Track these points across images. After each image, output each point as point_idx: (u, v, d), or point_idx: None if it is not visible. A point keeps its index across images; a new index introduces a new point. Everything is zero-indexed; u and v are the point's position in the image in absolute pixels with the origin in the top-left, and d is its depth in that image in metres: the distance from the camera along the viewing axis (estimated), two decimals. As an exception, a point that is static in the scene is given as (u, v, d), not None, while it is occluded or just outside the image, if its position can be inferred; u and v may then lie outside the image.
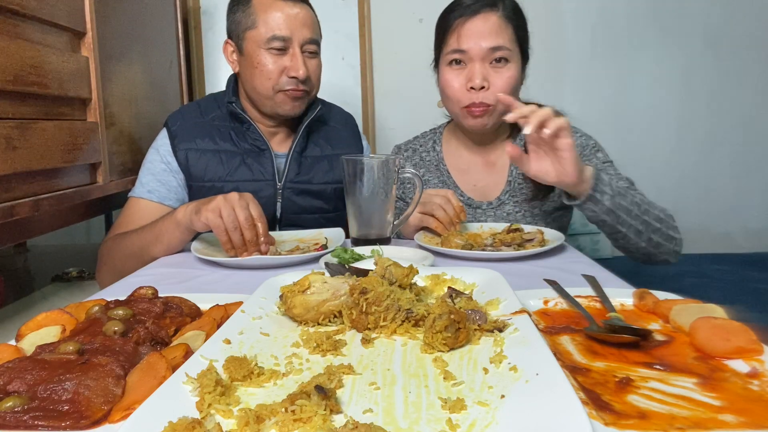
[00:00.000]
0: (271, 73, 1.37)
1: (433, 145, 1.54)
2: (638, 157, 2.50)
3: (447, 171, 1.50)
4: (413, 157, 1.55)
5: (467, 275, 0.84)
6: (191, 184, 1.43)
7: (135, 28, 1.73)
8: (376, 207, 1.22)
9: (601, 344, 0.64)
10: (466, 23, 1.33)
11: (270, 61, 1.37)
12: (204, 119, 1.47)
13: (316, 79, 1.45)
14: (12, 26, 1.13)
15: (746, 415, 0.48)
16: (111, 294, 0.84)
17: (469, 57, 1.33)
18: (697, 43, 2.42)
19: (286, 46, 1.37)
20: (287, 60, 1.38)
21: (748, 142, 2.48)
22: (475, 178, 1.48)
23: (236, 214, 1.09)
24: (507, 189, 1.44)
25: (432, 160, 1.53)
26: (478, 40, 1.31)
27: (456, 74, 1.35)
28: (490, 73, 1.32)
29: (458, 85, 1.35)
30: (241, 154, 1.44)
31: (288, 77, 1.38)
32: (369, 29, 2.37)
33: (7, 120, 1.10)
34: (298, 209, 1.49)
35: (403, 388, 0.53)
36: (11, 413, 0.49)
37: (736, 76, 2.44)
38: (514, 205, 1.43)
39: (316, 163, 1.50)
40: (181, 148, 1.42)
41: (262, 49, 1.37)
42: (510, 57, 1.32)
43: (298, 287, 0.72)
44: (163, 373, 0.54)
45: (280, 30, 1.35)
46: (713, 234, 2.53)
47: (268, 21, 1.36)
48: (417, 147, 1.57)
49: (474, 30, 1.32)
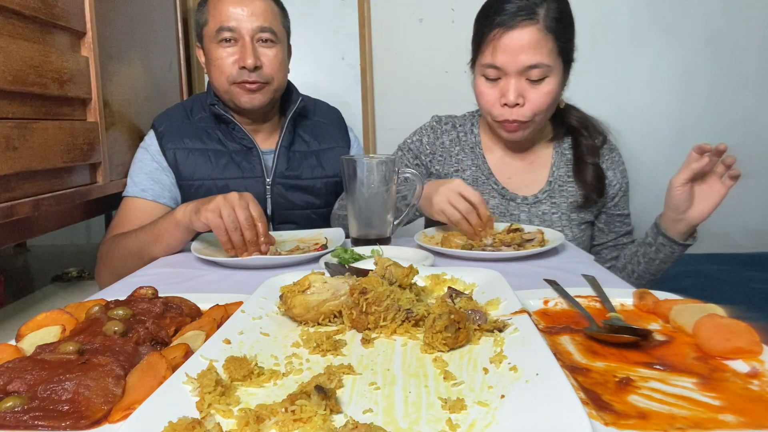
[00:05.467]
0: (223, 65, 1.37)
1: (472, 127, 1.48)
2: (638, 157, 2.49)
3: (483, 156, 1.44)
4: (451, 132, 1.48)
5: (467, 275, 0.84)
6: (181, 183, 1.44)
7: (135, 28, 1.72)
8: (376, 207, 1.22)
9: (601, 344, 0.64)
10: (503, 37, 1.24)
11: (222, 54, 1.37)
12: (191, 120, 1.48)
13: (274, 68, 1.41)
14: (12, 26, 1.13)
15: (746, 415, 0.48)
16: (111, 294, 0.84)
17: (504, 72, 1.26)
18: (697, 43, 2.42)
19: (235, 36, 1.36)
20: (238, 51, 1.37)
21: (748, 142, 2.48)
22: (511, 171, 1.43)
23: (236, 214, 1.09)
24: (546, 189, 1.40)
25: (468, 142, 1.47)
26: (514, 56, 1.23)
27: (490, 87, 1.30)
28: (527, 88, 1.26)
29: (492, 99, 1.30)
30: (229, 153, 1.45)
31: (239, 68, 1.37)
32: (369, 29, 2.37)
33: (7, 120, 1.10)
34: (289, 205, 1.49)
35: (403, 388, 0.53)
36: (11, 413, 0.49)
37: (736, 76, 2.44)
38: (551, 206, 1.39)
39: (303, 159, 1.50)
40: (168, 147, 1.43)
41: (214, 43, 1.37)
42: (548, 72, 1.25)
43: (298, 287, 0.72)
44: (163, 373, 0.54)
45: (227, 21, 1.36)
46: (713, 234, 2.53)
47: (217, 14, 1.37)
48: (457, 124, 1.50)
49: (511, 46, 1.23)
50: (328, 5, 2.34)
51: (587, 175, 1.38)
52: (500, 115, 1.30)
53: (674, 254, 1.25)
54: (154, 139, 1.46)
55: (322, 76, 2.40)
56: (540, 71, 1.24)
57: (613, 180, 1.42)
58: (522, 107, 1.27)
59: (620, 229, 1.45)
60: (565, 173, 1.41)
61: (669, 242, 1.24)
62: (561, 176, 1.41)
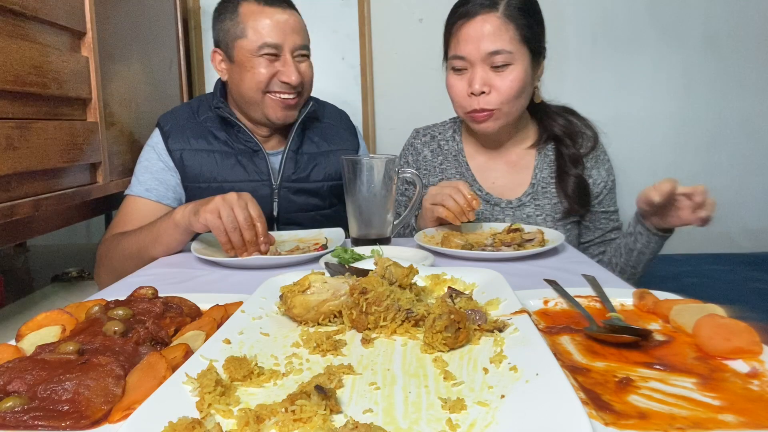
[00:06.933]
0: (262, 76, 1.37)
1: (453, 134, 1.52)
2: (638, 157, 2.49)
3: (466, 163, 1.47)
4: (431, 144, 1.52)
5: (467, 275, 0.84)
6: (187, 184, 1.43)
7: (135, 28, 1.73)
8: (376, 207, 1.22)
9: (601, 344, 0.64)
10: (464, 27, 1.30)
11: (263, 66, 1.37)
12: (197, 120, 1.47)
13: (309, 82, 1.46)
14: (12, 26, 1.13)
15: (746, 415, 0.48)
16: (111, 294, 0.84)
17: (469, 62, 1.31)
18: (697, 43, 2.42)
19: (278, 53, 1.38)
20: (279, 65, 1.38)
21: (748, 142, 2.48)
22: (495, 175, 1.46)
23: (235, 214, 1.09)
24: (530, 191, 1.42)
25: (451, 150, 1.50)
26: (476, 44, 1.28)
27: (458, 79, 1.34)
28: (492, 77, 1.30)
29: (460, 90, 1.33)
30: (235, 154, 1.45)
31: (280, 81, 1.38)
32: (369, 29, 2.37)
33: (7, 120, 1.10)
34: (295, 208, 1.49)
35: (403, 388, 0.53)
36: (11, 413, 0.49)
37: (736, 77, 2.44)
38: (535, 208, 1.41)
39: (312, 161, 1.50)
40: (175, 148, 1.43)
41: (254, 57, 1.37)
42: (512, 59, 1.28)
43: (298, 287, 0.72)
44: (163, 373, 0.54)
45: (270, 38, 1.36)
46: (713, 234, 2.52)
47: (258, 29, 1.36)
48: (436, 134, 1.54)
49: (472, 34, 1.29)
50: (328, 5, 2.34)
51: (569, 187, 1.39)
52: (469, 105, 1.33)
53: (651, 244, 1.26)
54: (159, 137, 1.45)
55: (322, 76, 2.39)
56: (503, 57, 1.28)
57: (598, 178, 1.43)
58: (488, 95, 1.30)
59: (606, 226, 1.45)
60: (548, 175, 1.43)
61: (646, 231, 1.25)
62: (544, 178, 1.42)
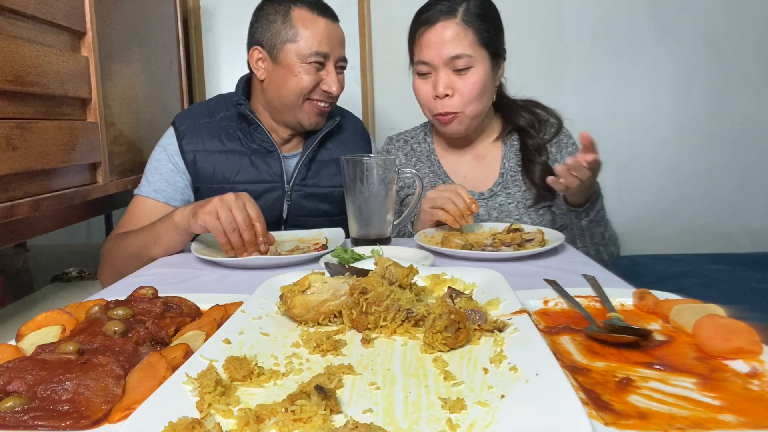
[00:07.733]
0: (307, 82, 1.39)
1: (425, 137, 1.58)
2: (638, 158, 2.50)
3: (438, 161, 1.53)
4: (404, 148, 1.59)
5: (467, 275, 0.84)
6: (198, 186, 1.43)
7: (135, 28, 1.73)
8: (376, 207, 1.22)
9: (601, 344, 0.64)
10: (425, 33, 1.35)
11: (309, 72, 1.39)
12: (212, 119, 1.47)
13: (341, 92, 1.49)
14: (12, 26, 1.13)
15: (746, 415, 0.48)
16: (111, 294, 0.84)
17: (432, 67, 1.36)
18: (697, 43, 2.42)
19: (324, 62, 1.40)
20: (323, 74, 1.41)
21: (748, 142, 2.48)
22: (465, 170, 1.51)
23: (233, 215, 1.08)
24: (499, 181, 1.47)
25: (423, 151, 1.56)
26: (438, 50, 1.33)
27: (423, 83, 1.40)
28: (455, 80, 1.35)
29: (426, 93, 1.39)
30: (248, 154, 1.44)
31: (322, 90, 1.41)
32: (369, 29, 2.37)
33: (7, 120, 1.10)
34: (305, 212, 1.49)
35: (403, 388, 0.53)
36: (11, 413, 0.49)
37: (736, 76, 2.44)
38: (507, 197, 1.46)
39: (324, 167, 1.51)
40: (189, 149, 1.43)
41: (303, 63, 1.38)
42: (472, 62, 1.34)
43: (298, 287, 0.72)
44: (163, 373, 0.54)
45: (321, 47, 1.38)
46: (713, 234, 2.53)
47: (311, 37, 1.38)
48: (408, 138, 1.60)
49: (434, 40, 1.34)
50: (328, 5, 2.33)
51: (535, 175, 1.43)
52: (435, 108, 1.38)
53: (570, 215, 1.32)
54: (173, 138, 1.45)
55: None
56: (464, 61, 1.33)
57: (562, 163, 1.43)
58: (452, 98, 1.36)
59: None
60: (516, 164, 1.47)
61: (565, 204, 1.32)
62: (512, 167, 1.47)
